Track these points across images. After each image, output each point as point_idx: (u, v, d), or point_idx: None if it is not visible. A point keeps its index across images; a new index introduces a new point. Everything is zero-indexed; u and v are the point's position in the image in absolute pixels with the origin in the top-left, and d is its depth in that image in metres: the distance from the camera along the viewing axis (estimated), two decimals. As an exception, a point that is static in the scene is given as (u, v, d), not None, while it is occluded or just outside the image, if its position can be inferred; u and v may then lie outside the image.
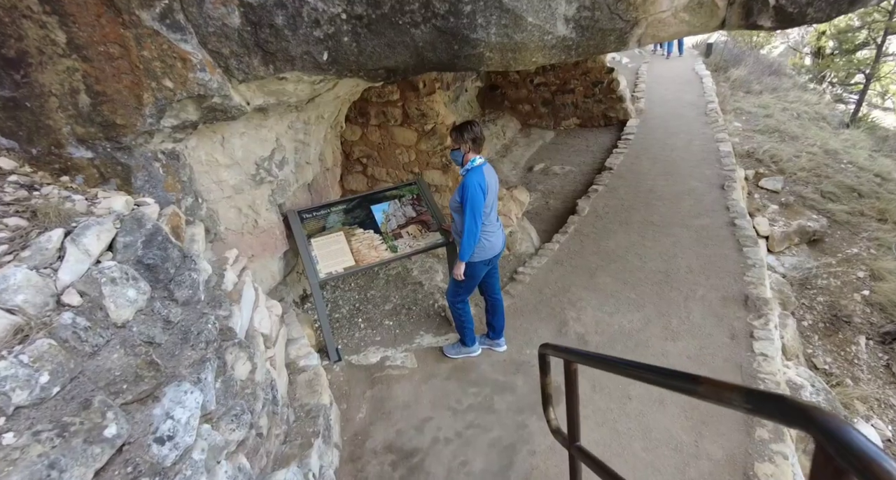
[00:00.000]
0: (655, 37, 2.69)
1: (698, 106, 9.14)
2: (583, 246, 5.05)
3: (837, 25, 14.81)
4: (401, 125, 4.69)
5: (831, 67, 14.59)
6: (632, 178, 6.54)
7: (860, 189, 7.90)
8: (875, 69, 12.36)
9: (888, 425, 5.68)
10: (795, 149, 8.47)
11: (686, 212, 5.55)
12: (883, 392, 6.03)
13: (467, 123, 3.10)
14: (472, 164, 3.11)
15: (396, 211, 3.89)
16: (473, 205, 3.03)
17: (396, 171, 5.00)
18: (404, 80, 4.40)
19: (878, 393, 5.97)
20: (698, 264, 4.55)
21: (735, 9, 2.55)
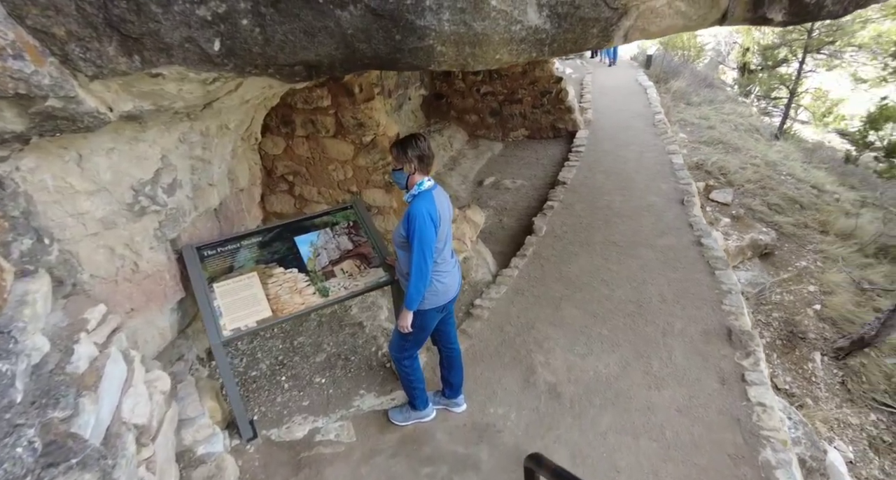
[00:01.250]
0: (645, 32, 2.17)
1: (646, 116, 9.01)
2: (544, 272, 4.52)
3: (761, 42, 15.54)
4: (334, 136, 3.96)
5: (756, 82, 15.25)
6: (587, 194, 6.14)
7: (801, 200, 7.99)
8: (797, 84, 12.96)
9: (849, 446, 5.54)
10: (740, 160, 8.50)
11: (648, 230, 5.17)
12: (841, 410, 5.93)
13: (412, 138, 2.45)
14: (420, 188, 2.46)
15: (328, 242, 3.15)
16: (423, 239, 2.37)
17: (330, 190, 4.26)
18: (335, 83, 3.69)
19: (836, 412, 5.86)
20: (671, 291, 4.12)
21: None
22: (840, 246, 7.16)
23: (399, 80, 7.39)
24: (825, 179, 8.87)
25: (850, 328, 6.31)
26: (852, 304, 6.47)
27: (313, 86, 3.74)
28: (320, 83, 3.73)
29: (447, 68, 2.15)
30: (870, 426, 5.92)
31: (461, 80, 8.36)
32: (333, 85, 3.72)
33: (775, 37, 14.19)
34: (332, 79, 3.68)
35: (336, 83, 3.70)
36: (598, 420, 2.93)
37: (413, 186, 2.47)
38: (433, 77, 8.56)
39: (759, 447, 2.66)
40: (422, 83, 8.47)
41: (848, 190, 8.76)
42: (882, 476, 5.43)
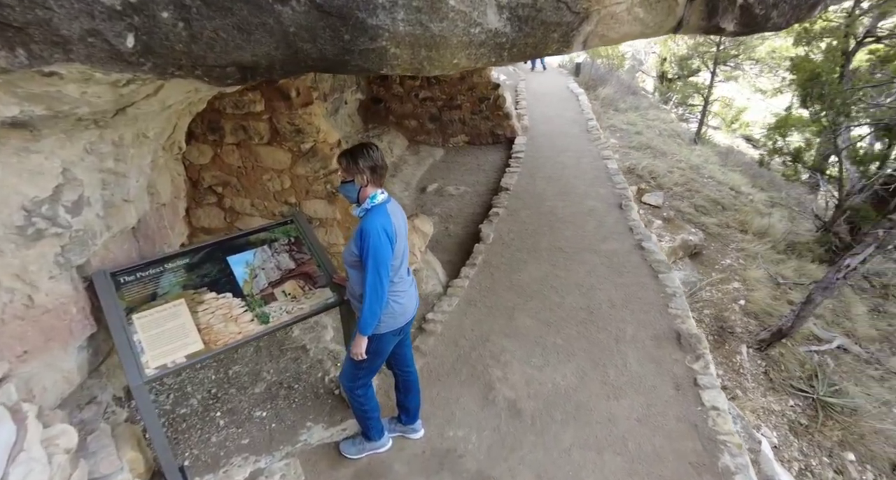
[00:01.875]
0: (604, 38, 2.11)
1: (580, 123, 9.27)
2: (494, 281, 4.43)
3: (676, 53, 16.61)
4: (268, 144, 3.64)
5: (675, 90, 16.28)
6: (530, 200, 6.16)
7: (723, 202, 8.53)
8: (710, 93, 13.97)
9: (773, 431, 5.93)
10: (667, 164, 8.95)
11: (592, 235, 5.25)
12: (766, 399, 6.34)
13: (363, 147, 2.25)
14: (373, 202, 2.26)
15: (266, 261, 2.85)
16: (378, 258, 2.17)
17: (265, 202, 3.92)
18: (269, 86, 3.39)
19: (762, 401, 6.26)
20: (619, 296, 4.17)
21: (696, 7, 2.07)
22: (757, 244, 7.70)
23: (334, 84, 7.09)
24: (740, 181, 9.56)
25: (770, 321, 6.77)
26: (771, 298, 6.96)
27: (244, 89, 3.41)
28: (252, 86, 3.41)
29: (401, 72, 1.97)
30: (789, 411, 6.36)
31: (399, 85, 8.18)
32: (267, 88, 3.41)
33: (689, 48, 15.22)
34: (267, 82, 3.37)
35: (270, 86, 3.40)
36: (561, 436, 2.86)
37: (365, 200, 2.26)
38: (370, 81, 8.32)
39: (717, 453, 2.69)
40: (358, 87, 8.19)
41: (759, 191, 9.49)
42: (801, 456, 5.84)
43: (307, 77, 3.53)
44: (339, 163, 2.31)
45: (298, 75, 2.03)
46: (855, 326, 7.37)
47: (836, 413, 6.26)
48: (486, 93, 8.14)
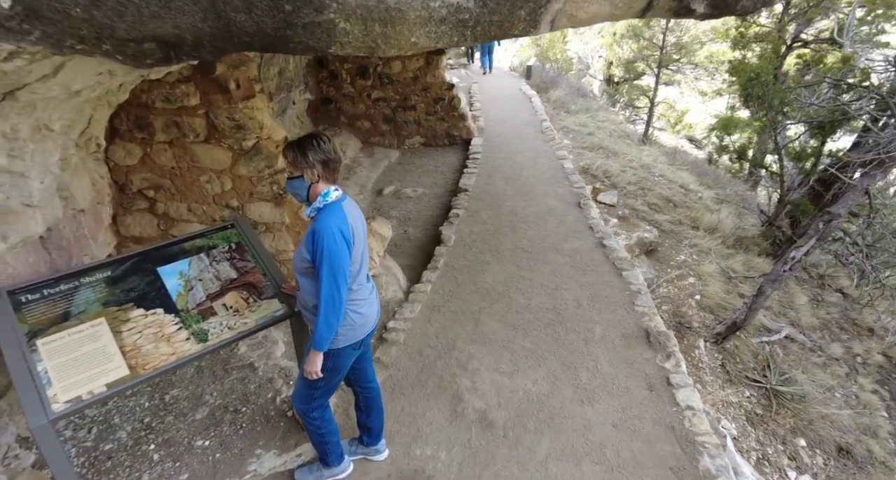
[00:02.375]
0: (573, 18, 1.96)
1: (534, 124, 9.27)
2: (458, 285, 4.23)
3: (622, 57, 17.11)
4: (206, 141, 3.29)
5: (622, 92, 16.75)
6: (490, 200, 6.02)
7: (674, 199, 8.73)
8: (655, 95, 14.44)
9: (732, 423, 6.04)
10: (620, 164, 9.08)
11: (553, 234, 5.16)
12: (724, 391, 6.46)
13: (312, 138, 1.99)
14: (326, 199, 2.00)
15: (204, 271, 2.52)
16: (333, 263, 1.92)
17: (204, 207, 3.56)
18: (204, 78, 3.06)
19: (721, 393, 6.38)
20: (584, 296, 4.07)
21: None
22: (708, 239, 7.90)
23: (281, 83, 6.72)
24: (689, 179, 9.84)
25: (725, 314, 6.93)
26: (724, 292, 7.14)
27: (176, 81, 3.06)
28: (185, 78, 3.06)
29: (352, 51, 1.74)
30: (745, 402, 6.51)
31: (350, 85, 7.89)
32: (202, 79, 3.08)
33: (634, 52, 15.70)
34: (202, 72, 3.04)
35: (205, 77, 3.07)
36: (536, 447, 2.68)
37: (316, 198, 2.00)
38: (319, 80, 7.99)
39: (696, 455, 2.59)
40: (307, 86, 7.83)
41: (706, 189, 9.81)
42: (758, 446, 5.96)
43: (248, 67, 3.22)
44: (285, 157, 2.05)
45: (232, 53, 1.75)
46: (799, 316, 7.68)
47: (787, 402, 6.45)
48: (441, 93, 7.98)
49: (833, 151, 6.97)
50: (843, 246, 6.70)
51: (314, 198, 2.02)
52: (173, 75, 3.02)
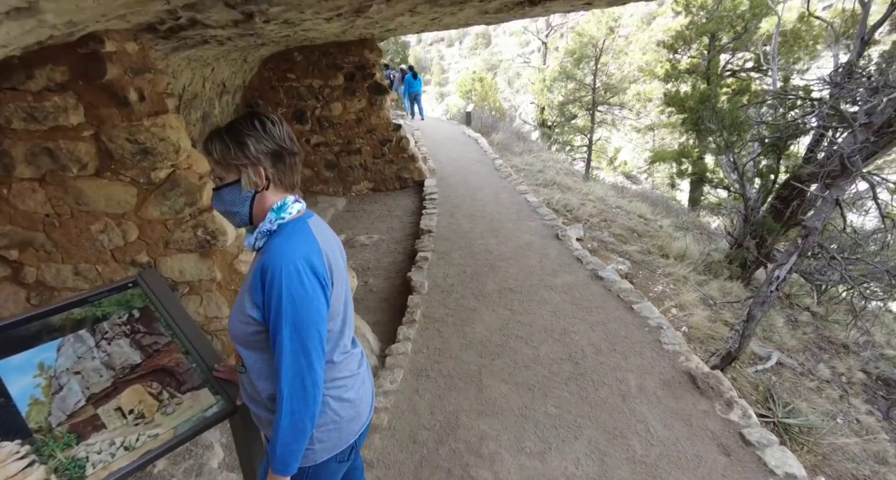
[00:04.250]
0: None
1: (486, 163, 8.89)
2: (445, 339, 3.41)
3: (554, 101, 17.68)
4: (97, 175, 2.39)
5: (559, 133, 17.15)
6: (459, 240, 5.34)
7: (637, 229, 8.47)
8: (592, 134, 14.80)
9: None
10: (578, 198, 8.79)
11: (539, 270, 4.51)
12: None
13: (252, 118, 1.22)
14: (282, 215, 1.23)
15: (85, 359, 1.58)
16: (301, 319, 1.13)
17: (99, 267, 2.59)
18: (90, 85, 2.21)
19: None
20: (599, 338, 3.38)
21: None
22: (680, 267, 7.59)
23: (205, 129, 5.87)
24: (645, 209, 9.73)
25: (716, 344, 6.49)
26: (708, 321, 6.73)
27: (43, 89, 2.19)
28: (58, 85, 2.20)
29: None
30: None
31: (285, 129, 7.13)
32: (86, 87, 2.23)
33: (565, 95, 16.22)
34: (84, 76, 2.20)
35: (90, 84, 2.22)
36: (613, 566, 1.84)
37: (265, 215, 1.21)
38: (250, 126, 7.18)
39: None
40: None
41: (663, 217, 9.73)
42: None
43: (157, 78, 2.42)
44: (208, 154, 1.25)
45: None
46: (783, 339, 7.41)
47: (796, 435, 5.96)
48: (388, 135, 7.42)
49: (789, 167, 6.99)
50: (823, 260, 6.53)
51: (261, 215, 1.23)
52: (39, 81, 2.16)
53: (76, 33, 1.98)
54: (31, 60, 2.14)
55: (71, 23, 1.52)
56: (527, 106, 20.38)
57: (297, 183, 1.30)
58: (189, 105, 5.32)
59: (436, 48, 50.54)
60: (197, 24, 2.11)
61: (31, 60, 2.14)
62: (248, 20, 1.99)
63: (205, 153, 1.27)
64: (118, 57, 2.21)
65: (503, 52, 44.05)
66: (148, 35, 2.46)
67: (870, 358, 7.80)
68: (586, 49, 14.03)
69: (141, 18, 1.98)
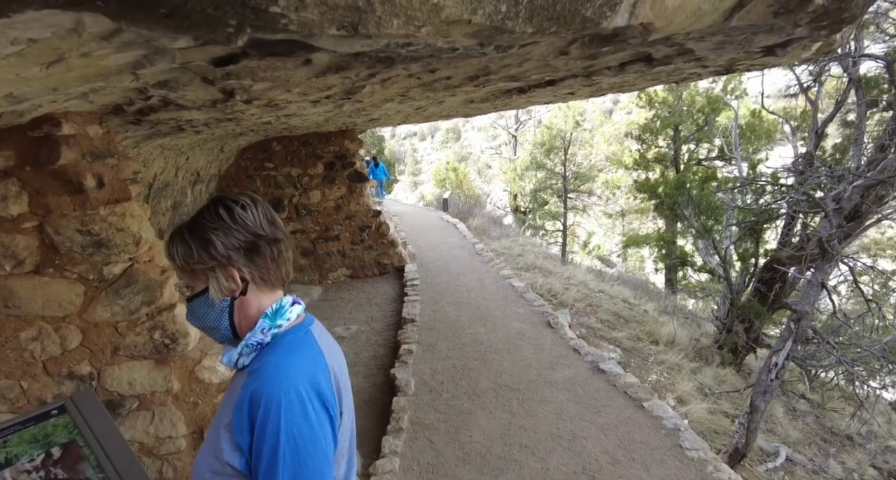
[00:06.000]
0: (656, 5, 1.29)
1: (466, 247, 8.78)
2: (438, 451, 2.95)
3: (526, 188, 18.28)
4: (35, 272, 2.05)
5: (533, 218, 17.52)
6: (445, 330, 4.99)
7: (623, 314, 8.27)
8: (566, 219, 15.16)
9: None
10: (560, 282, 8.65)
11: (535, 363, 4.16)
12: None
13: (216, 204, 0.96)
14: (280, 320, 0.96)
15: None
16: (302, 466, 0.83)
17: (25, 383, 2.15)
18: (34, 164, 1.96)
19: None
20: (613, 444, 2.98)
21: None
22: (671, 354, 7.32)
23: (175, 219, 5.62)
24: (627, 293, 9.63)
25: (719, 439, 6.04)
26: (708, 413, 6.34)
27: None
28: (1, 170, 1.94)
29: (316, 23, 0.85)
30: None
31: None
32: (34, 173, 1.97)
33: (537, 182, 16.82)
34: (32, 161, 1.95)
35: (38, 170, 1.97)
36: None
37: (251, 322, 0.93)
38: (223, 215, 6.96)
39: None
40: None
41: (647, 301, 9.62)
42: None
43: (121, 164, 2.19)
44: (170, 258, 0.97)
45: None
46: (786, 431, 7.01)
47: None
48: (367, 221, 7.30)
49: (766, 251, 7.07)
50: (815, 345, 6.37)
51: (247, 325, 0.95)
52: (-21, 166, 1.90)
53: (26, 114, 1.76)
54: (-29, 145, 1.90)
55: (12, 97, 1.30)
56: (498, 193, 21.05)
57: (289, 275, 1.02)
58: (160, 193, 5.09)
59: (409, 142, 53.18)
60: (170, 104, 1.94)
61: (-29, 145, 1.90)
62: (228, 99, 1.83)
63: (168, 258, 1.00)
64: (76, 140, 1.99)
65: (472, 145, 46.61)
66: (116, 119, 2.27)
67: (876, 451, 7.42)
68: (555, 140, 14.86)
69: (105, 99, 1.79)
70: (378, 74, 1.71)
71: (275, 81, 1.57)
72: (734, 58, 2.31)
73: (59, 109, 1.88)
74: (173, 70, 1.55)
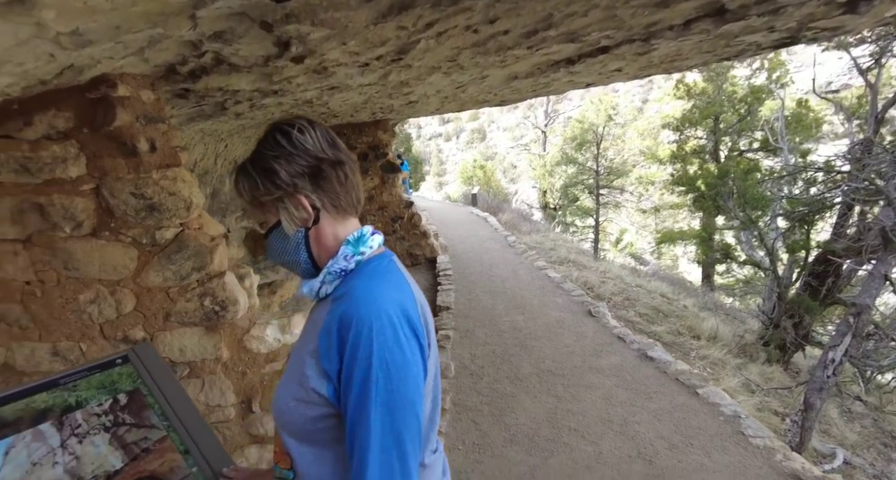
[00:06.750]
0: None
1: (498, 240, 8.68)
2: (484, 432, 2.86)
3: (555, 184, 18.03)
4: (92, 235, 2.06)
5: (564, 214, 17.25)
6: (481, 317, 4.91)
7: (661, 309, 8.02)
8: (598, 215, 14.87)
9: None
10: (597, 276, 8.45)
11: (578, 350, 4.03)
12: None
13: (275, 130, 0.90)
14: (362, 248, 0.90)
15: (42, 464, 1.13)
16: (395, 393, 0.75)
17: (83, 345, 2.16)
18: (91, 126, 1.96)
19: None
20: (669, 430, 2.84)
21: None
22: (713, 349, 7.04)
23: (214, 207, 5.71)
24: (665, 289, 9.34)
25: (769, 436, 5.77)
26: (756, 410, 6.05)
27: (42, 137, 1.94)
28: (60, 133, 1.95)
29: None
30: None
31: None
32: (91, 135, 1.97)
33: (568, 178, 16.55)
34: (89, 124, 1.95)
35: (95, 132, 1.97)
36: None
37: (330, 252, 0.89)
38: (259, 205, 7.07)
39: None
40: (244, 213, 6.84)
41: (685, 297, 9.31)
42: None
43: (169, 131, 2.19)
44: (239, 194, 0.93)
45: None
46: (842, 433, 6.65)
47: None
48: (399, 212, 7.28)
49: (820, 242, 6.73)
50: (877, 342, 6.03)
51: (326, 255, 0.90)
52: (38, 128, 1.91)
53: (86, 71, 1.76)
54: (31, 106, 1.91)
55: (77, 35, 1.28)
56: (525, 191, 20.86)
57: (360, 201, 0.96)
58: (199, 181, 5.16)
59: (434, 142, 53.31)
60: (222, 63, 1.91)
61: (31, 106, 1.91)
62: (282, 53, 1.80)
63: (237, 191, 0.96)
64: (130, 103, 1.98)
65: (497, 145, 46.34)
66: (165, 87, 2.27)
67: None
68: (587, 134, 14.59)
69: (160, 56, 1.78)
70: (437, 23, 1.64)
71: (333, 27, 1.52)
72: (811, 14, 2.15)
73: (116, 69, 1.88)
74: (231, 17, 1.53)
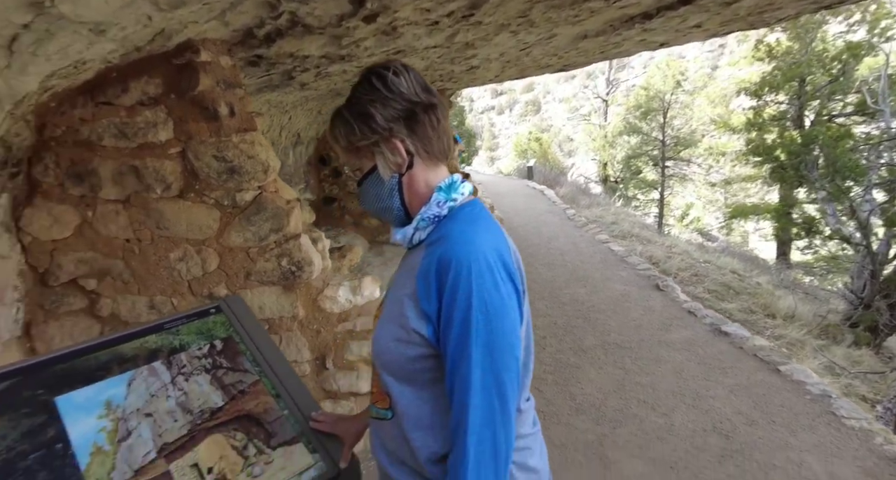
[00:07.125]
0: None
1: (556, 213, 8.50)
2: (549, 400, 2.85)
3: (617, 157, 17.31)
4: (180, 196, 2.18)
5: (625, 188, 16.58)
6: (540, 289, 4.85)
7: (732, 286, 7.60)
8: (664, 188, 14.16)
9: None
10: (662, 251, 8.11)
11: (646, 324, 3.90)
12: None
13: (370, 75, 0.89)
14: (454, 194, 0.88)
15: (158, 397, 1.22)
16: (495, 334, 0.73)
17: (174, 300, 2.32)
18: (178, 92, 2.05)
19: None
20: (747, 406, 2.71)
21: None
22: (791, 329, 6.61)
23: (281, 177, 5.91)
24: (737, 265, 8.84)
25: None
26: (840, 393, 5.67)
27: (136, 104, 2.05)
28: (150, 98, 2.05)
29: None
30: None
31: (354, 181, 7.13)
32: (177, 101, 2.06)
33: (631, 149, 15.83)
34: (176, 90, 2.04)
35: (181, 98, 2.06)
36: None
37: (422, 199, 0.88)
38: (321, 179, 7.27)
39: None
40: (307, 186, 7.07)
41: (758, 274, 8.78)
42: None
43: (245, 96, 2.25)
44: (335, 140, 0.95)
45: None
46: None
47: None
48: (457, 182, 7.25)
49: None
50: None
51: (417, 203, 0.90)
52: (133, 94, 2.02)
53: (174, 36, 1.83)
54: (127, 73, 2.02)
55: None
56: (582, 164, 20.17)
57: (451, 148, 0.94)
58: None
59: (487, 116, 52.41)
60: (297, 25, 1.93)
61: (127, 73, 2.02)
62: (356, 12, 1.79)
63: (332, 141, 0.97)
64: (211, 68, 2.06)
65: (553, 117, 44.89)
66: (241, 53, 2.34)
67: None
68: (652, 102, 13.80)
69: (240, 19, 1.82)
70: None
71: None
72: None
73: (199, 34, 1.94)
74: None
